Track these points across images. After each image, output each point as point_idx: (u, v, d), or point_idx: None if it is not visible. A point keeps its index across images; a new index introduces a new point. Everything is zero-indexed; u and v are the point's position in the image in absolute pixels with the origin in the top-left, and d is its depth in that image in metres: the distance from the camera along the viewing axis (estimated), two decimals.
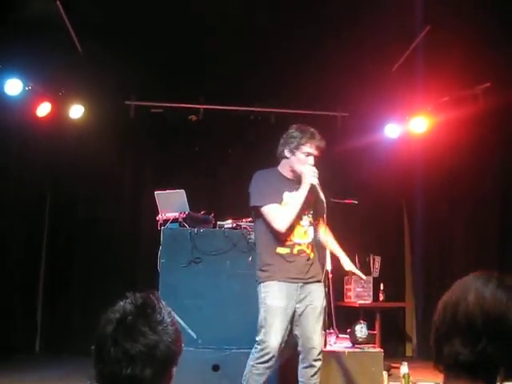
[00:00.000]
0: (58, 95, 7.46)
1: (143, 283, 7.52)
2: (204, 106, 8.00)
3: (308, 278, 4.30)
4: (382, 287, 7.13)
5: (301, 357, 4.31)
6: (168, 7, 6.31)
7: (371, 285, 7.05)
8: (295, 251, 4.30)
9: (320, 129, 7.80)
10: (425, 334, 7.70)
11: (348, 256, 7.16)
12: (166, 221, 5.86)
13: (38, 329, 7.93)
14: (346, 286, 7.23)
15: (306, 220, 4.39)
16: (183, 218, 5.79)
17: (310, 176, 4.28)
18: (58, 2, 6.09)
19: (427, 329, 7.58)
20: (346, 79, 7.16)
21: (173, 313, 1.76)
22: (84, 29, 6.64)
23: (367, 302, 6.98)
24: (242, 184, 4.55)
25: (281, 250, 4.30)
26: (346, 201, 6.84)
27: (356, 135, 7.80)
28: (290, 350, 4.45)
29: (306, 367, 4.29)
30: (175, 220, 5.83)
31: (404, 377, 5.50)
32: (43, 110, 7.31)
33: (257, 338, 4.25)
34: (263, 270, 4.33)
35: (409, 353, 8.24)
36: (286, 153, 4.39)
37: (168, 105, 8.01)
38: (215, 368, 5.37)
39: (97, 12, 6.39)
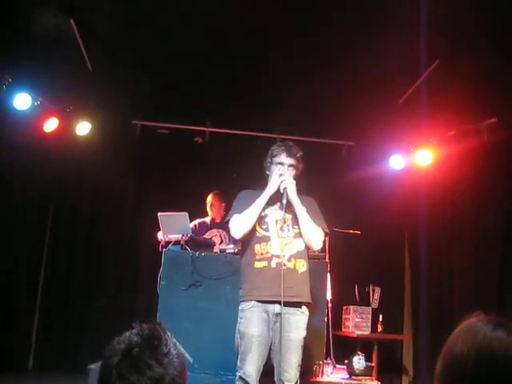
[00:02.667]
0: (66, 111, 7.49)
1: (142, 305, 7.51)
2: (210, 129, 8.02)
3: (290, 297, 4.11)
4: (380, 318, 7.09)
5: None
6: (179, 30, 6.34)
7: (370, 315, 7.02)
8: (273, 264, 4.17)
9: (326, 157, 7.95)
10: (421, 367, 7.64)
11: (348, 286, 7.23)
12: (167, 243, 5.86)
13: (32, 347, 7.85)
14: (344, 316, 7.19)
15: (290, 231, 4.29)
16: (185, 241, 5.80)
17: (275, 180, 4.28)
18: (71, 19, 6.12)
19: (424, 362, 7.55)
20: (353, 109, 7.18)
21: (178, 344, 1.74)
22: (95, 46, 6.67)
23: (365, 332, 6.94)
24: None
25: (258, 264, 4.21)
26: (349, 231, 6.87)
27: (361, 165, 7.81)
28: None
29: None
30: (177, 242, 5.83)
31: None
32: (51, 125, 7.34)
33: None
34: (240, 288, 4.29)
35: None
36: (266, 171, 4.45)
37: (174, 126, 8.03)
38: None
39: (108, 30, 6.42)
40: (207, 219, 7.09)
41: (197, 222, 6.94)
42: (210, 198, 7.18)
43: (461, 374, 1.52)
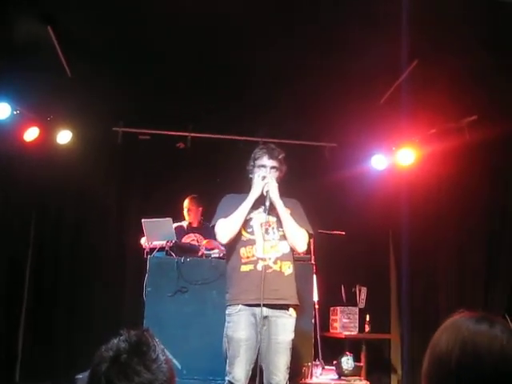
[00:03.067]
0: (46, 120, 7.43)
1: (129, 312, 7.46)
2: (192, 134, 7.99)
3: (276, 299, 4.15)
4: (367, 318, 7.11)
5: None
6: (159, 34, 6.32)
7: (357, 316, 7.03)
8: (259, 267, 4.17)
9: (308, 159, 7.95)
10: (410, 365, 7.66)
11: (334, 287, 7.24)
12: (152, 249, 5.84)
13: (19, 358, 7.76)
14: (331, 317, 7.20)
15: (275, 234, 4.30)
16: (170, 247, 5.77)
17: (258, 183, 4.30)
18: (49, 27, 6.07)
19: (412, 360, 7.58)
20: (334, 110, 7.19)
21: (166, 350, 1.73)
22: (74, 54, 6.61)
23: (353, 333, 6.95)
24: None
25: (244, 268, 4.21)
26: (333, 232, 6.88)
27: (344, 166, 7.83)
28: None
29: None
30: (162, 249, 5.81)
31: None
32: (31, 134, 7.27)
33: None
34: (227, 292, 4.29)
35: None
36: (250, 174, 4.46)
37: (156, 132, 8.00)
38: None
39: (87, 37, 6.38)
40: (184, 223, 7.06)
41: (174, 226, 6.92)
42: (186, 203, 7.15)
43: (446, 370, 1.52)
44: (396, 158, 7.80)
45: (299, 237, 4.29)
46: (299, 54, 6.56)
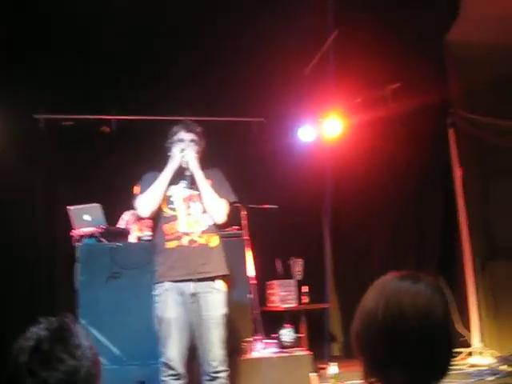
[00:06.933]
0: None
1: (62, 303, 7.26)
2: (116, 117, 7.82)
3: (203, 273, 4.13)
4: (305, 290, 7.15)
5: (202, 369, 4.17)
6: (75, 17, 6.15)
7: (295, 288, 7.06)
8: (184, 242, 4.16)
9: (235, 135, 7.90)
10: (350, 332, 7.78)
11: (270, 259, 7.26)
12: (81, 236, 5.69)
13: None
14: (268, 291, 7.21)
15: (198, 207, 4.27)
16: (100, 233, 5.64)
17: (176, 155, 4.30)
18: None
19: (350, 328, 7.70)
20: (259, 84, 7.16)
21: (89, 335, 1.66)
22: None
23: (292, 305, 6.99)
24: None
25: (169, 245, 4.19)
26: (265, 206, 6.87)
27: (272, 140, 7.83)
28: None
29: (208, 380, 4.14)
30: (91, 235, 5.67)
31: (333, 377, 5.54)
32: None
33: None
34: (155, 270, 4.25)
35: (336, 352, 8.30)
36: (169, 152, 4.42)
37: (79, 117, 7.79)
38: None
39: (2, 22, 6.15)
40: None
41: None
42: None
43: (374, 327, 1.57)
44: (323, 130, 7.83)
45: (217, 208, 4.26)
46: (222, 29, 6.50)
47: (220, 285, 4.23)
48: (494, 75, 6.67)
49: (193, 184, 4.26)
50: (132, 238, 6.10)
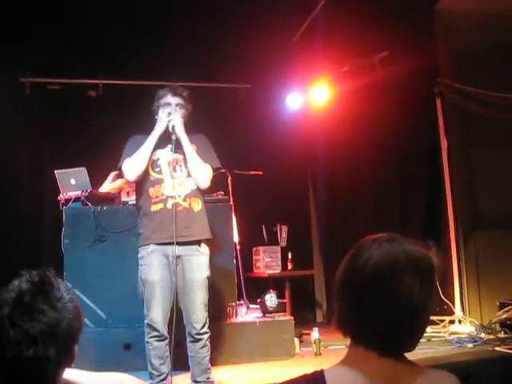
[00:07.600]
0: None
1: (48, 266, 7.28)
2: (103, 81, 7.76)
3: (186, 236, 4.16)
4: (290, 256, 7.21)
5: (186, 330, 4.22)
6: None
7: (279, 254, 7.12)
8: (169, 205, 4.17)
9: (223, 102, 7.87)
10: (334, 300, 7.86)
11: (255, 227, 7.30)
12: (68, 200, 5.69)
13: None
14: (254, 257, 7.28)
15: (183, 171, 4.29)
16: (85, 197, 5.64)
17: (162, 119, 4.30)
18: None
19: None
20: (248, 52, 7.13)
21: (71, 289, 1.69)
22: None
23: (276, 271, 7.05)
24: None
25: (154, 208, 4.21)
26: (251, 172, 6.89)
27: (259, 107, 7.81)
28: None
29: (191, 341, 4.21)
30: (77, 199, 5.67)
31: (315, 342, 5.64)
32: None
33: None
34: (139, 233, 4.28)
35: (319, 319, 8.41)
36: (155, 116, 4.40)
37: (65, 81, 7.72)
38: (127, 347, 5.30)
39: None
40: None
41: None
42: None
43: (359, 275, 1.60)
44: (310, 97, 7.82)
45: (201, 173, 4.27)
46: None
47: (204, 248, 4.26)
48: (482, 45, 6.65)
49: (178, 148, 4.26)
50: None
